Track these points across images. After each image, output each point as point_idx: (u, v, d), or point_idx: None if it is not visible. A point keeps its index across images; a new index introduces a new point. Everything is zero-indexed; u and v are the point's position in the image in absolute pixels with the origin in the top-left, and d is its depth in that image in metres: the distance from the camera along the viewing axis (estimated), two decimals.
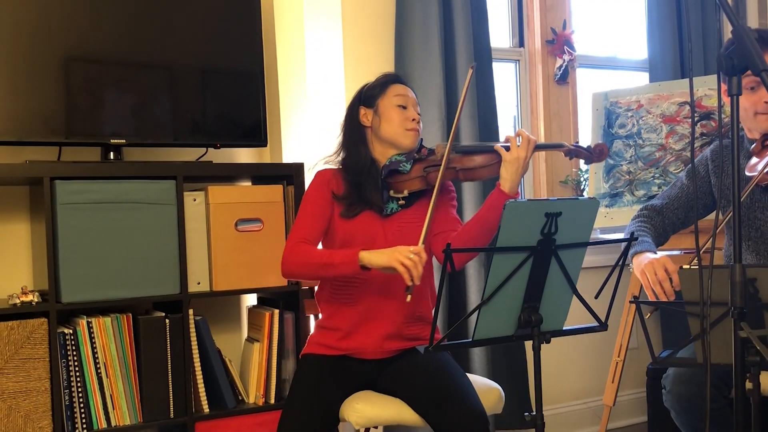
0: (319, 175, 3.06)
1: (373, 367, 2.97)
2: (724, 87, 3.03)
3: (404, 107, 3.02)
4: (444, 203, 3.07)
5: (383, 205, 2.98)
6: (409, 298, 2.72)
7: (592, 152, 3.07)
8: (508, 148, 2.85)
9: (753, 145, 3.09)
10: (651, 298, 2.96)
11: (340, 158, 3.08)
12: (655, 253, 3.05)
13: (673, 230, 3.32)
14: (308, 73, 3.72)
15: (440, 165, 2.89)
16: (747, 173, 3.02)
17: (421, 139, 3.11)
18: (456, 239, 2.90)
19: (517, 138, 2.84)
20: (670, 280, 2.89)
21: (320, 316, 3.12)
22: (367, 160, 3.03)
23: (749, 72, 2.88)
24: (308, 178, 3.41)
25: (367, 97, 3.07)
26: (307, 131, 3.71)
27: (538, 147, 2.94)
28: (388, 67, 4.08)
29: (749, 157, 3.08)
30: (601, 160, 3.11)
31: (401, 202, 2.98)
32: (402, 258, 2.65)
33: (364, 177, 3.00)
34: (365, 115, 3.06)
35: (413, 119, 3.01)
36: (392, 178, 2.99)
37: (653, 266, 2.94)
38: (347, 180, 3.01)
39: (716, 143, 3.37)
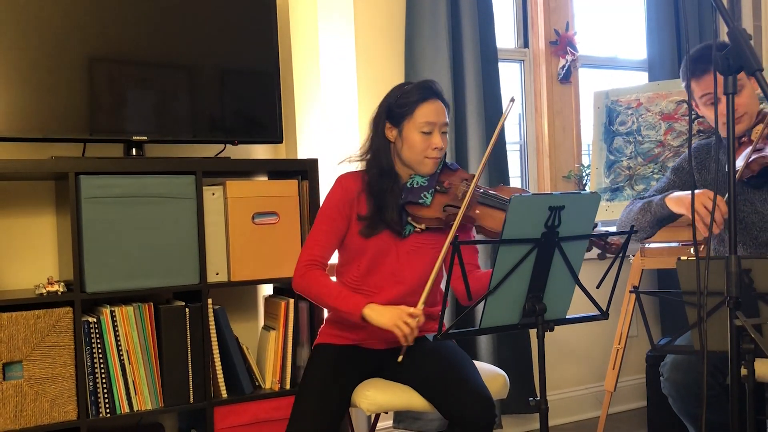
0: (343, 184, 2.96)
1: (383, 355, 2.93)
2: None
3: (429, 133, 2.86)
4: (462, 231, 2.93)
5: (402, 228, 2.89)
6: (400, 359, 2.76)
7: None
8: None
9: None
10: (701, 230, 2.92)
11: (366, 158, 2.99)
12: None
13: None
14: (322, 72, 3.71)
15: (459, 207, 2.78)
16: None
17: (445, 153, 2.96)
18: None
19: None
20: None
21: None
22: (389, 172, 2.92)
23: (708, 90, 3.08)
24: (322, 173, 3.41)
25: (395, 114, 2.91)
26: (321, 128, 3.71)
27: None
28: (398, 66, 4.08)
29: None
30: None
31: (418, 229, 2.89)
32: (400, 324, 2.66)
33: (386, 191, 2.89)
34: (390, 130, 2.93)
35: (435, 147, 2.86)
36: (411, 207, 2.87)
37: (700, 200, 2.90)
38: (372, 199, 2.91)
39: (698, 142, 3.41)
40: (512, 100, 2.79)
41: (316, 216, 2.99)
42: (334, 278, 3.00)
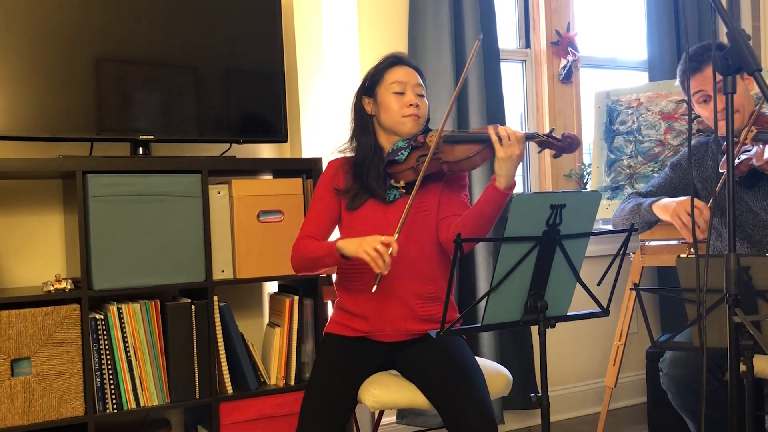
0: (328, 167, 3.00)
1: (392, 348, 2.90)
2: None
3: (401, 93, 2.90)
4: (453, 189, 2.96)
5: (385, 193, 2.89)
6: (374, 288, 2.67)
7: (562, 142, 2.79)
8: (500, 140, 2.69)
9: (724, 144, 3.13)
10: (687, 237, 3.03)
11: (353, 146, 3.00)
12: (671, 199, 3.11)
13: None
14: (326, 72, 3.72)
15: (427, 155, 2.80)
16: (720, 170, 3.05)
17: (428, 119, 2.97)
18: (455, 229, 2.79)
19: (507, 137, 2.68)
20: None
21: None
22: (370, 149, 2.93)
23: (699, 88, 3.13)
24: None
25: (368, 86, 2.98)
26: (326, 127, 3.71)
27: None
28: None
29: (723, 154, 3.11)
30: (572, 150, 2.82)
31: (401, 190, 2.88)
32: (368, 248, 2.59)
33: (366, 159, 2.91)
34: (368, 104, 2.97)
35: (410, 104, 2.89)
36: (391, 167, 2.88)
37: (683, 207, 2.96)
38: (351, 170, 2.94)
39: (698, 139, 3.43)
40: (479, 38, 2.93)
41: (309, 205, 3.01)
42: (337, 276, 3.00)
